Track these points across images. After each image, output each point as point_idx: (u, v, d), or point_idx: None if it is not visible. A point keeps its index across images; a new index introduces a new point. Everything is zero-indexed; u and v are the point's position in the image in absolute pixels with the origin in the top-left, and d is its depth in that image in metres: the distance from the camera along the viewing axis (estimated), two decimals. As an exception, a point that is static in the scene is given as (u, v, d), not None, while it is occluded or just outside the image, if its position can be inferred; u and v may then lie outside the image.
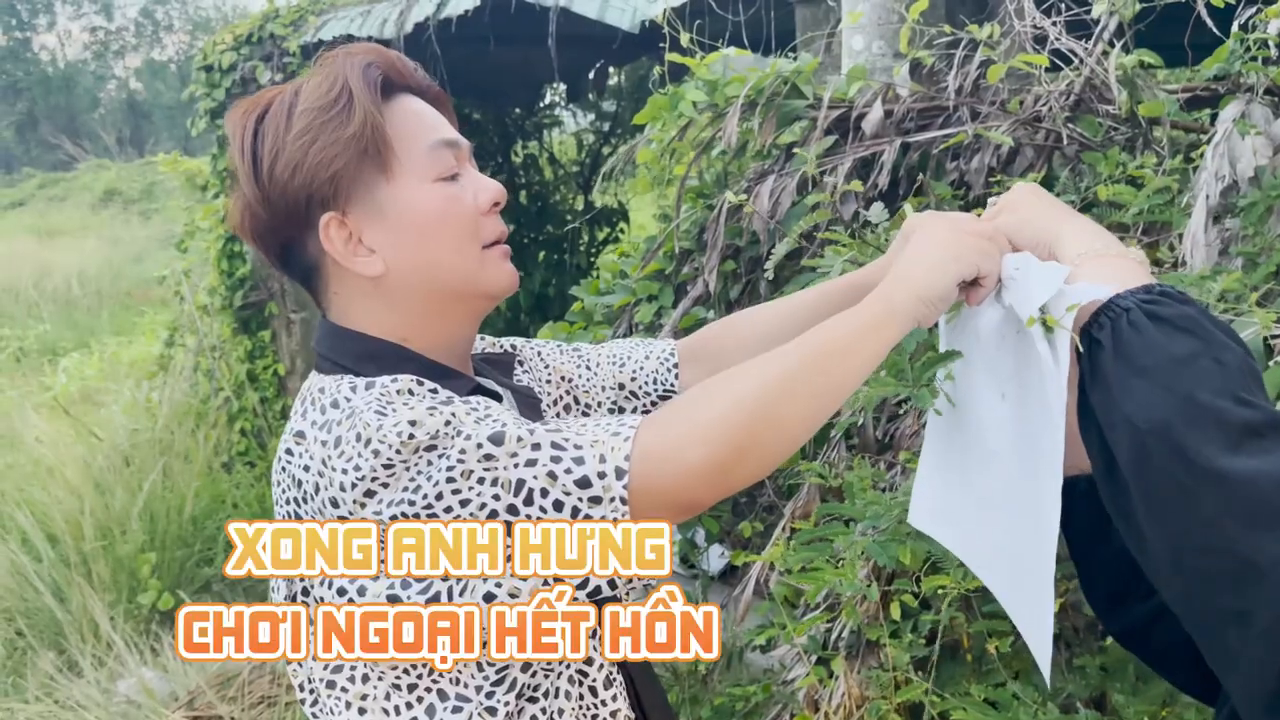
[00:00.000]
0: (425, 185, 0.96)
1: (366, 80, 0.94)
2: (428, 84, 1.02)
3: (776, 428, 0.84)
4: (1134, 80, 1.95)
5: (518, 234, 6.81)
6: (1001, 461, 1.01)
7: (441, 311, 0.99)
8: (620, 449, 0.82)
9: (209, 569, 4.43)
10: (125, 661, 3.57)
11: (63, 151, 23.15)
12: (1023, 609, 1.02)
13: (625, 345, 1.24)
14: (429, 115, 1.00)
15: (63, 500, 4.26)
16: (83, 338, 9.65)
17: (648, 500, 0.82)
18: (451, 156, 0.99)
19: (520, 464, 0.82)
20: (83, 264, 12.79)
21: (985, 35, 2.10)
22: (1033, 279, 0.91)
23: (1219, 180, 1.51)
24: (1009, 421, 0.99)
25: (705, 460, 0.82)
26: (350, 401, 0.86)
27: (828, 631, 1.97)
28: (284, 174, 0.94)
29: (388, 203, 0.95)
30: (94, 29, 36.36)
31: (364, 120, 0.93)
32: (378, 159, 0.94)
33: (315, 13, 5.06)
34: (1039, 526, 0.93)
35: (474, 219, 0.98)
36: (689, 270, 2.37)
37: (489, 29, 4.34)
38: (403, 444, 0.81)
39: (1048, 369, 0.89)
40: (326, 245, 0.96)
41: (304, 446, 0.88)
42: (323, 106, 0.93)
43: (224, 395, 5.49)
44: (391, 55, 0.99)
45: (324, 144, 0.93)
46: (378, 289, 0.97)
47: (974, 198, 2.11)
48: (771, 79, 2.28)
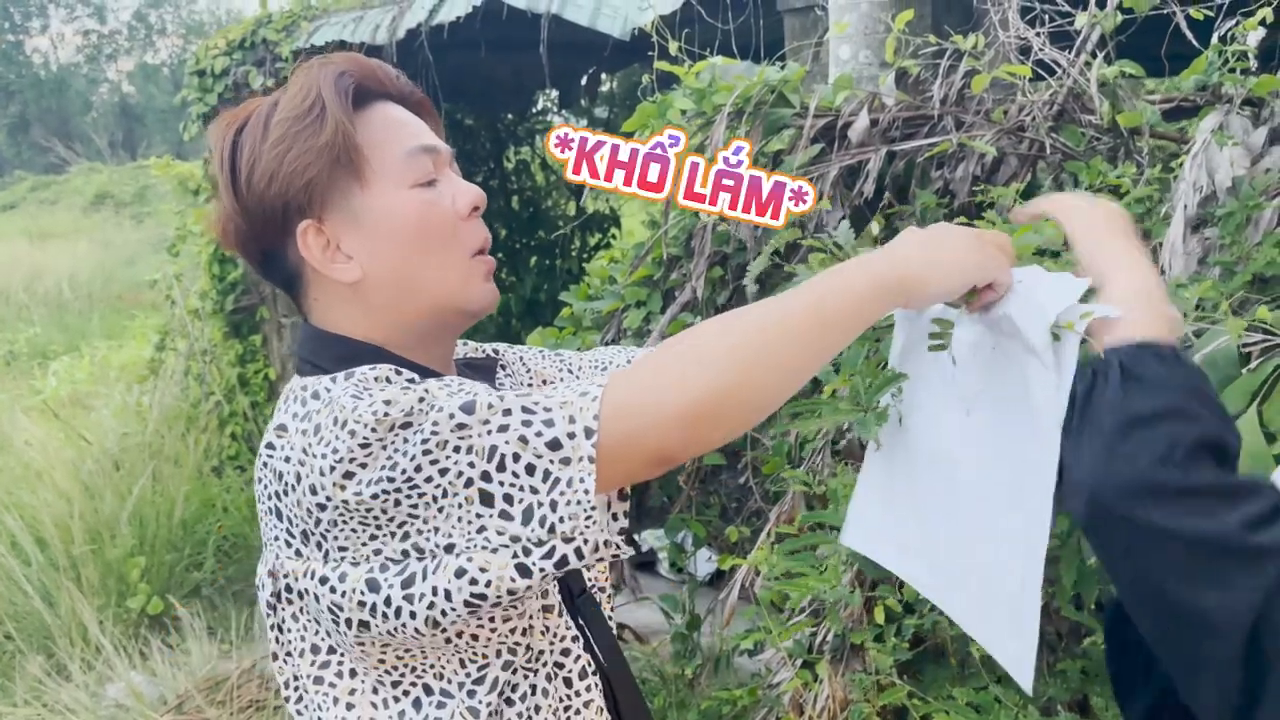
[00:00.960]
0: (401, 192, 0.97)
1: (338, 89, 0.95)
2: (409, 90, 1.03)
3: (756, 379, 0.84)
4: (1115, 90, 1.97)
5: (509, 239, 6.82)
6: (967, 475, 1.00)
7: (419, 323, 1.00)
8: (588, 409, 0.82)
9: (198, 573, 4.42)
10: (114, 665, 3.57)
11: (55, 154, 23.09)
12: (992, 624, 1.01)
13: (608, 351, 1.26)
14: (407, 122, 1.00)
15: (52, 504, 4.25)
16: (73, 341, 9.62)
17: (619, 455, 0.82)
18: (429, 162, 0.99)
19: (493, 430, 0.82)
20: (74, 267, 12.76)
21: (970, 45, 2.12)
22: (1042, 290, 0.90)
23: (1197, 190, 1.54)
24: (978, 437, 0.98)
25: (681, 406, 0.81)
26: (330, 391, 0.88)
27: (813, 635, 1.98)
28: (261, 183, 0.96)
29: (363, 210, 0.97)
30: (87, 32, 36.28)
31: (335, 129, 0.94)
32: (350, 166, 0.96)
33: (308, 18, 5.07)
34: (1024, 539, 0.92)
35: (452, 224, 0.99)
36: (677, 276, 2.39)
37: (481, 35, 4.36)
38: (378, 422, 0.82)
39: (1041, 379, 0.88)
40: (304, 252, 0.97)
41: (285, 439, 0.89)
42: (297, 116, 0.95)
43: (214, 399, 5.48)
44: (370, 64, 1.00)
45: (298, 153, 0.94)
46: (356, 295, 0.98)
47: (958, 206, 2.13)
48: (759, 87, 2.30)
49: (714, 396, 0.82)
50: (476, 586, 0.83)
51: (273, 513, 0.91)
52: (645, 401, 0.83)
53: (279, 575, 0.92)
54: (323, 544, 0.87)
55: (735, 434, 0.86)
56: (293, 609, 0.93)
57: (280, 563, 0.92)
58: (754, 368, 0.84)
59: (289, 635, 0.94)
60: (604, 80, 7.11)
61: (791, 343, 0.85)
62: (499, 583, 0.83)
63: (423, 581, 0.84)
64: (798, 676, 1.94)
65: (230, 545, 4.67)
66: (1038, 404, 0.89)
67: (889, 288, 0.90)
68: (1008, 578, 0.96)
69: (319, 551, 0.88)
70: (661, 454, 0.83)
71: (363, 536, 0.86)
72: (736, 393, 0.83)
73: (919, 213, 2.11)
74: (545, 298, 6.47)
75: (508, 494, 0.83)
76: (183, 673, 3.56)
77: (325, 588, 0.87)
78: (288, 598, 0.92)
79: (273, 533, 0.92)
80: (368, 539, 0.86)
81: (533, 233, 6.88)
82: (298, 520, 0.88)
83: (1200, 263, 1.72)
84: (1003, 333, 0.94)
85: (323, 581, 0.88)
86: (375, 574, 0.85)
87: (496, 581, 0.83)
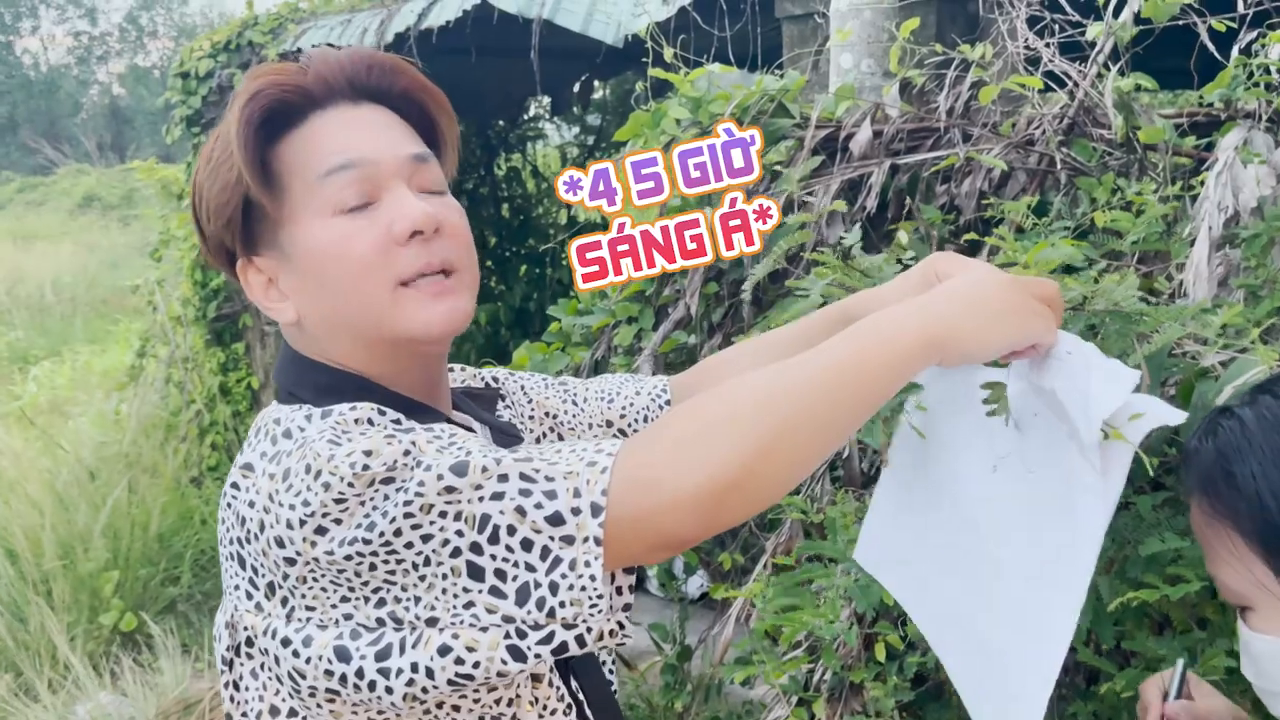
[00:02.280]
0: (321, 221, 0.86)
1: (243, 119, 0.86)
2: (386, 85, 0.91)
3: (784, 453, 0.74)
4: (1130, 104, 1.89)
5: (499, 247, 6.74)
6: (978, 535, 0.95)
7: (378, 354, 0.89)
8: (597, 481, 0.72)
9: (174, 588, 4.31)
10: (83, 685, 3.46)
11: (43, 156, 22.95)
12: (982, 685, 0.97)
13: (614, 381, 1.16)
14: (333, 136, 0.88)
15: (23, 515, 4.14)
16: (55, 346, 9.48)
17: (627, 537, 0.72)
18: (356, 182, 0.87)
19: (486, 497, 0.73)
20: (58, 270, 12.62)
21: (977, 56, 2.05)
22: (1094, 376, 0.83)
23: (1222, 211, 1.45)
24: (1000, 499, 0.93)
25: (698, 487, 0.71)
26: (304, 431, 0.79)
27: (809, 673, 1.89)
28: (204, 219, 0.91)
29: (288, 244, 0.88)
30: (78, 34, 36.15)
31: (235, 164, 0.86)
32: (266, 201, 0.87)
33: (295, 21, 4.98)
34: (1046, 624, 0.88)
35: (376, 255, 0.86)
36: (670, 292, 2.31)
37: (471, 40, 4.28)
38: (355, 476, 0.73)
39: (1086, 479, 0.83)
40: (246, 290, 0.91)
41: (251, 480, 0.80)
42: (220, 147, 0.88)
43: (195, 408, 5.38)
44: (301, 73, 0.88)
45: (216, 189, 0.88)
46: (303, 331, 0.91)
47: (964, 222, 2.05)
48: (757, 97, 2.22)
49: (740, 474, 0.72)
50: (463, 666, 0.73)
51: (235, 559, 0.82)
52: (662, 477, 0.73)
53: (238, 628, 0.83)
54: (289, 599, 0.78)
55: (756, 513, 0.77)
56: (252, 664, 0.83)
57: (240, 615, 0.82)
58: (783, 439, 0.74)
59: (246, 694, 0.85)
60: (596, 88, 7.04)
61: (829, 409, 0.76)
62: (489, 664, 0.73)
63: (400, 655, 0.74)
64: (793, 716, 1.85)
65: (208, 559, 4.56)
66: (1080, 504, 0.84)
67: (925, 351, 0.80)
68: (1010, 648, 0.91)
69: (283, 608, 0.79)
70: (675, 538, 0.73)
71: (333, 598, 0.76)
72: (766, 469, 0.73)
73: (923, 229, 2.03)
74: (535, 307, 6.40)
75: (500, 569, 0.73)
76: (155, 693, 3.45)
77: (287, 650, 0.78)
78: (248, 652, 0.83)
79: (234, 581, 0.83)
80: (339, 600, 0.76)
81: (523, 241, 6.81)
82: (264, 570, 0.79)
83: (1221, 285, 1.64)
84: (1046, 405, 0.87)
85: (285, 644, 0.78)
86: (345, 641, 0.76)
87: (486, 663, 0.73)
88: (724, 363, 1.15)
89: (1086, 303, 1.37)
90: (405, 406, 0.87)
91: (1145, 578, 1.40)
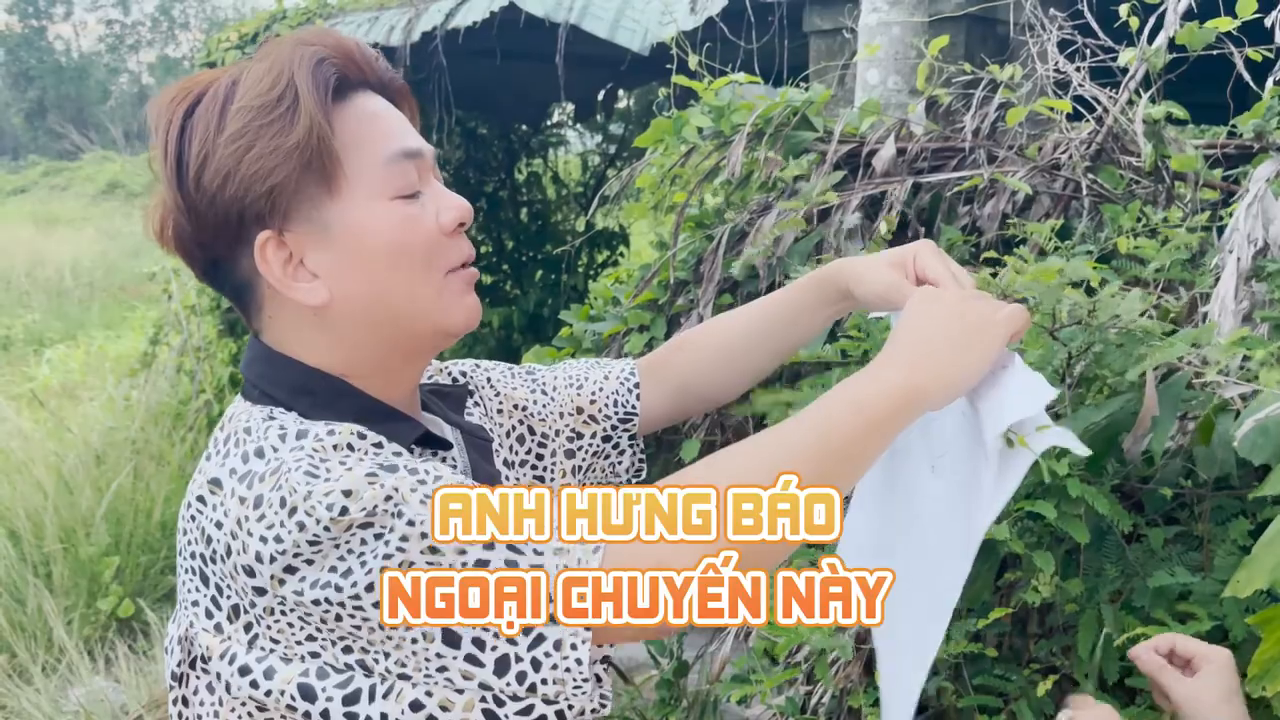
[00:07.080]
0: (379, 204, 0.83)
1: (316, 81, 0.81)
2: (389, 77, 0.89)
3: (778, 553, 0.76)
4: (1160, 133, 1.86)
5: (516, 251, 6.74)
6: (923, 531, 0.99)
7: (390, 348, 0.87)
8: (588, 561, 0.71)
9: (173, 576, 4.29)
10: (78, 670, 3.44)
11: (69, 141, 23.14)
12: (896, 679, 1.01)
13: (582, 365, 1.14)
14: (389, 119, 0.86)
15: (27, 496, 4.13)
16: (71, 330, 9.52)
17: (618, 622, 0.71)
18: (413, 170, 0.85)
19: (469, 563, 0.70)
20: (78, 255, 12.67)
21: (1006, 77, 2.02)
22: (1013, 387, 0.86)
23: (1251, 243, 1.42)
24: (937, 498, 0.96)
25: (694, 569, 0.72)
26: (277, 453, 0.75)
27: (808, 695, 1.86)
28: (212, 183, 0.81)
29: (335, 223, 0.83)
30: (110, 22, 36.50)
31: (309, 129, 0.80)
32: (323, 173, 0.81)
33: (323, 16, 4.99)
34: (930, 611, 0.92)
35: (434, 244, 0.85)
36: (683, 302, 2.28)
37: (498, 43, 4.27)
38: (333, 520, 0.70)
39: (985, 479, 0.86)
40: (262, 268, 0.83)
41: (219, 498, 0.76)
42: (262, 107, 0.80)
43: (205, 398, 5.37)
44: (349, 45, 0.86)
45: (261, 152, 0.79)
46: (319, 318, 0.85)
47: (985, 243, 2.02)
48: (781, 109, 2.20)
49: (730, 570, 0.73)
50: None
51: (196, 574, 0.78)
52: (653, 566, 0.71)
53: (194, 643, 0.79)
54: (253, 626, 0.74)
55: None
56: (206, 680, 0.79)
57: (195, 631, 0.78)
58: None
59: (196, 710, 0.80)
60: (621, 97, 7.04)
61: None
62: None
63: (370, 703, 0.72)
64: (789, 738, 1.81)
65: (209, 549, 4.54)
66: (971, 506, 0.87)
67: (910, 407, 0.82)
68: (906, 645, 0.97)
69: (246, 634, 0.75)
70: (666, 623, 0.71)
71: (299, 635, 0.73)
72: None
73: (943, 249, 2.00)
74: (549, 313, 6.39)
75: (478, 638, 0.70)
76: (147, 681, 3.43)
77: (244, 680, 0.74)
78: (203, 667, 0.78)
79: (192, 596, 0.79)
80: (304, 638, 0.73)
81: (540, 246, 6.80)
82: (230, 593, 0.75)
83: (1245, 319, 1.61)
84: (971, 407, 0.90)
85: (243, 672, 0.74)
86: (311, 680, 0.73)
87: None
88: (700, 334, 1.14)
89: (1089, 316, 1.34)
90: (382, 415, 0.85)
91: (1154, 613, 1.36)
